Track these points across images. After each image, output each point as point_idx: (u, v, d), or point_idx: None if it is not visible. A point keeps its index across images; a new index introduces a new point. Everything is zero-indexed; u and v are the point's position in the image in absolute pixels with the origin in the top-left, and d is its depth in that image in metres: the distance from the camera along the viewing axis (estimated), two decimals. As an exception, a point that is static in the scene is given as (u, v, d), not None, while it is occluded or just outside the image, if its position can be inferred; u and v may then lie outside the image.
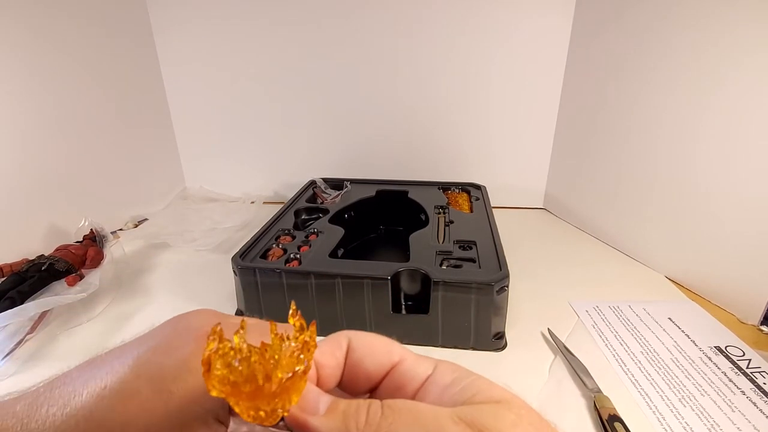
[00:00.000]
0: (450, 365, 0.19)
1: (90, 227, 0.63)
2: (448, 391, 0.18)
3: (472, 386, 0.17)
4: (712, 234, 0.53)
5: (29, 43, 0.61)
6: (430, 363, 0.19)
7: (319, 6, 0.77)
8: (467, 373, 0.18)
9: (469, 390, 0.17)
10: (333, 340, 0.19)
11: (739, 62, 0.49)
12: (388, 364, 0.19)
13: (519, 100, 0.79)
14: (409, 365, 0.19)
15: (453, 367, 0.19)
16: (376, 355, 0.19)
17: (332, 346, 0.19)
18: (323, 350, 0.19)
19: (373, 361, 0.19)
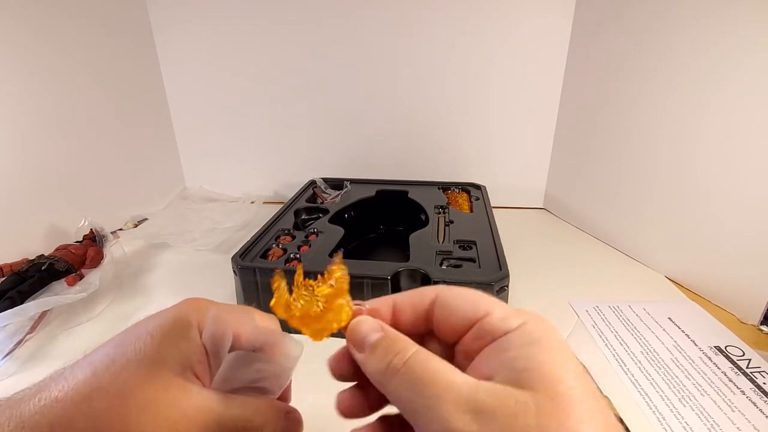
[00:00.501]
0: (537, 324, 0.18)
1: (90, 227, 0.63)
2: (507, 354, 0.17)
3: (529, 358, 0.16)
4: (712, 234, 0.53)
5: (29, 43, 0.61)
6: (518, 319, 0.18)
7: (319, 6, 0.77)
8: (540, 339, 0.17)
9: (523, 361, 0.16)
10: (417, 292, 0.21)
11: (739, 62, 0.49)
12: (474, 318, 0.19)
13: (519, 100, 0.79)
14: (492, 319, 0.18)
15: (536, 328, 0.18)
16: (462, 309, 0.19)
17: (413, 297, 0.21)
18: (403, 299, 0.21)
19: (459, 315, 0.19)
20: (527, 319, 0.18)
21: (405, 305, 0.21)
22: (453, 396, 0.16)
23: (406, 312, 0.21)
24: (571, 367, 0.16)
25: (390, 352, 0.18)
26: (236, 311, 0.23)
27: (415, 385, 0.17)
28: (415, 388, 0.16)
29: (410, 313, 0.20)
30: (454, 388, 0.16)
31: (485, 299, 0.19)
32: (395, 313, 0.21)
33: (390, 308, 0.21)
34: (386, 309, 0.21)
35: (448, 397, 0.16)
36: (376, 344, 0.18)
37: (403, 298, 0.21)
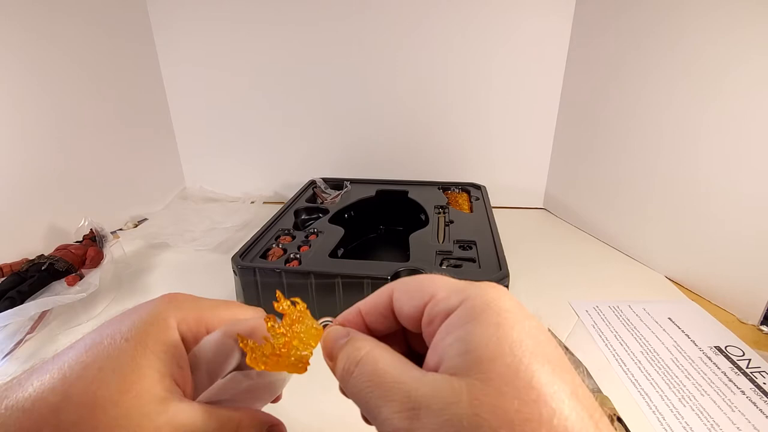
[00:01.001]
0: (478, 297, 0.17)
1: (90, 227, 0.63)
2: (449, 338, 0.16)
3: (465, 339, 0.15)
4: (712, 234, 0.53)
5: (29, 43, 0.61)
6: (460, 295, 0.17)
7: (320, 6, 0.77)
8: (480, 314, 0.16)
9: (460, 344, 0.15)
10: (377, 293, 0.21)
11: (740, 62, 0.48)
12: (421, 305, 0.18)
13: (519, 100, 0.79)
14: (435, 301, 0.18)
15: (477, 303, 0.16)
16: (410, 299, 0.19)
17: (375, 299, 0.20)
18: (366, 303, 0.21)
19: (409, 305, 0.19)
20: (469, 292, 0.17)
21: (369, 309, 0.20)
22: (398, 395, 0.15)
23: (373, 315, 0.20)
24: (513, 338, 0.15)
25: (347, 354, 0.18)
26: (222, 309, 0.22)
27: (365, 385, 0.16)
28: (366, 390, 0.16)
29: (377, 316, 0.20)
30: (400, 386, 0.15)
31: (432, 281, 0.19)
32: (364, 319, 0.21)
33: (357, 315, 0.21)
34: (354, 317, 0.21)
35: (393, 396, 0.15)
36: (339, 348, 0.19)
37: (366, 302, 0.21)
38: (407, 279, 0.20)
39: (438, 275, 0.19)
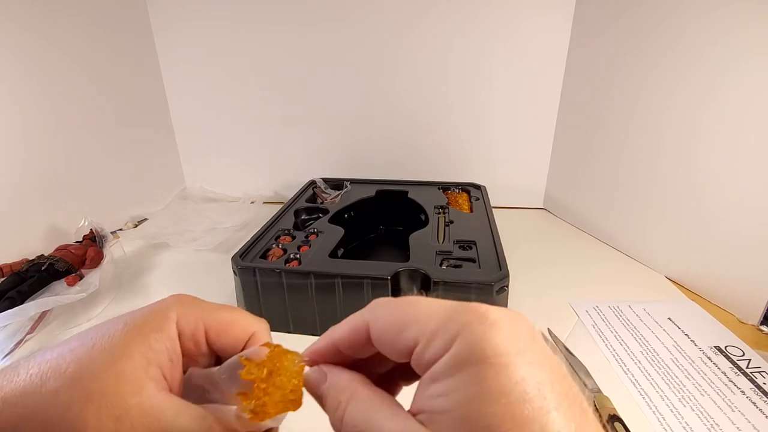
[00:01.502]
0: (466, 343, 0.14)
1: (90, 227, 0.63)
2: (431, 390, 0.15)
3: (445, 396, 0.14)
4: (712, 234, 0.53)
5: (29, 43, 0.61)
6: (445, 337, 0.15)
7: (320, 6, 0.77)
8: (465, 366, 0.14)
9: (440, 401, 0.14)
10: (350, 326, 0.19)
11: (740, 62, 0.48)
12: (404, 349, 0.16)
13: (519, 100, 0.79)
14: (421, 349, 0.16)
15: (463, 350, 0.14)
16: (394, 341, 0.17)
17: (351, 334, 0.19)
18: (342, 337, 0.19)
19: (395, 352, 0.17)
20: (453, 335, 0.15)
21: (345, 345, 0.19)
22: None
23: (350, 349, 0.19)
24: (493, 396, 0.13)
25: (334, 401, 0.17)
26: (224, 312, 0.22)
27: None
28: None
29: (355, 349, 0.19)
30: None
31: (412, 316, 0.16)
32: (342, 353, 0.19)
33: (332, 350, 0.19)
34: (328, 350, 0.19)
35: None
36: (325, 395, 0.18)
37: (342, 337, 0.19)
38: (382, 311, 0.18)
39: (417, 300, 0.17)
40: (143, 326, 0.18)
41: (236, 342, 0.21)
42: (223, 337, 0.21)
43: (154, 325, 0.19)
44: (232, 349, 0.21)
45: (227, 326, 0.21)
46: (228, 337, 0.21)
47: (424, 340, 0.15)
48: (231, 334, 0.21)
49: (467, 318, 0.15)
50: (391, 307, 0.17)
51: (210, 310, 0.21)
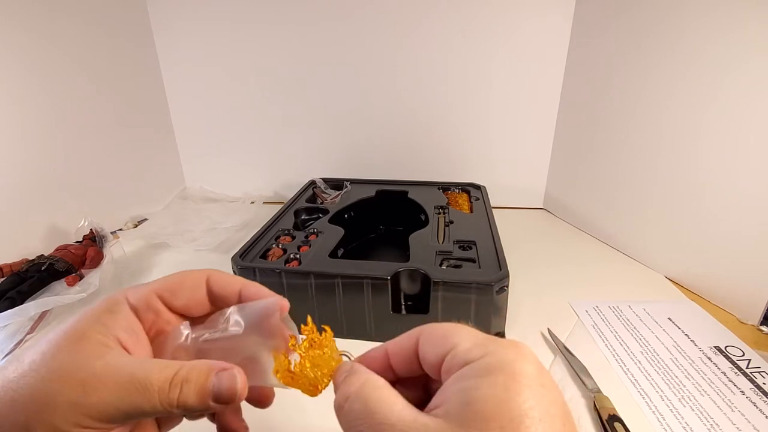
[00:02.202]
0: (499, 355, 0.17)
1: (90, 227, 0.63)
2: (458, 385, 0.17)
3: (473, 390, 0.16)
4: (712, 234, 0.53)
5: (29, 43, 0.61)
6: (483, 349, 0.17)
7: (320, 6, 0.77)
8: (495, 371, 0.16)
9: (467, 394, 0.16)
10: (406, 335, 0.21)
11: (740, 62, 0.48)
12: (443, 353, 0.18)
13: (519, 100, 0.79)
14: (457, 351, 0.18)
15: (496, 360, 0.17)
16: (435, 345, 0.19)
17: (402, 342, 0.21)
18: (394, 345, 0.21)
19: (433, 352, 0.19)
20: (493, 349, 0.17)
21: (396, 351, 0.21)
22: (386, 428, 0.16)
23: (398, 357, 0.21)
24: (518, 403, 0.15)
25: (341, 389, 0.19)
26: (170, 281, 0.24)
27: (354, 423, 0.17)
28: (354, 426, 0.17)
29: (402, 358, 0.21)
30: (387, 425, 0.16)
31: (458, 331, 0.19)
32: (390, 359, 0.21)
33: (383, 355, 0.21)
34: (379, 356, 0.21)
35: (381, 428, 0.16)
36: (339, 383, 0.20)
37: (395, 343, 0.21)
38: (434, 326, 0.20)
39: (465, 326, 0.19)
40: (97, 312, 0.20)
41: (193, 295, 0.23)
42: (179, 297, 0.23)
43: (106, 307, 0.21)
44: (196, 304, 0.23)
45: (178, 286, 0.23)
46: (183, 294, 0.23)
47: (463, 345, 0.18)
48: (186, 291, 0.23)
49: (504, 343, 0.18)
50: (442, 324, 0.20)
51: (159, 281, 0.23)
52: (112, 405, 0.18)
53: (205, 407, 0.19)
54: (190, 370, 0.19)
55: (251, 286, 0.23)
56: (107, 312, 0.21)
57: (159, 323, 0.22)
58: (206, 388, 0.19)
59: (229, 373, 0.20)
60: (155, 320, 0.22)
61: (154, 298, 0.22)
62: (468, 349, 0.18)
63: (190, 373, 0.19)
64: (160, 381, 0.18)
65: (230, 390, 0.19)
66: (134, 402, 0.18)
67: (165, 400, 0.18)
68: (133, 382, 0.18)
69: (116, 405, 0.18)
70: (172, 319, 0.23)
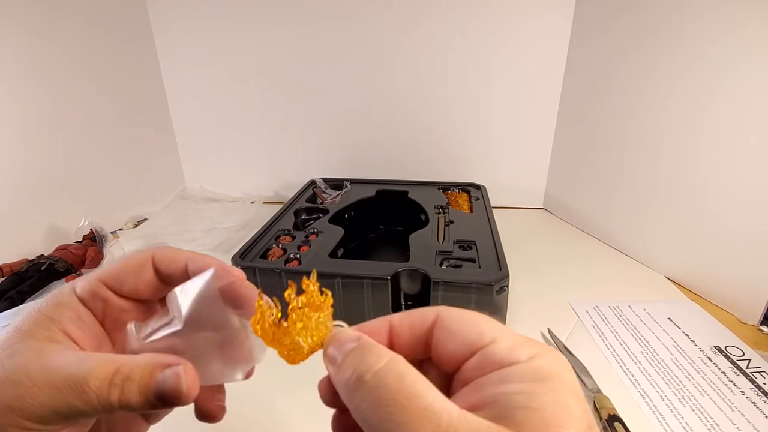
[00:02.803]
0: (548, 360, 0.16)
1: (90, 227, 0.63)
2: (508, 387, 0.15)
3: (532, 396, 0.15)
4: (712, 234, 0.53)
5: (29, 43, 0.61)
6: (528, 350, 0.16)
7: (320, 6, 0.77)
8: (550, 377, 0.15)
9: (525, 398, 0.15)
10: (417, 312, 0.19)
11: (740, 62, 0.48)
12: (477, 345, 0.17)
13: (519, 100, 0.79)
14: (498, 348, 0.16)
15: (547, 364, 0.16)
16: (464, 334, 0.17)
17: (412, 318, 0.19)
18: (401, 319, 0.19)
19: (460, 340, 0.17)
20: (538, 352, 0.16)
21: (403, 326, 0.19)
22: (428, 425, 0.14)
23: (404, 334, 0.19)
24: (577, 414, 0.14)
25: (360, 361, 0.16)
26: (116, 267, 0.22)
27: (384, 402, 0.14)
28: (384, 407, 0.14)
29: (408, 336, 0.19)
30: (431, 414, 0.14)
31: (490, 324, 0.17)
32: (392, 335, 0.19)
33: (386, 329, 0.19)
34: (380, 329, 0.19)
35: (422, 425, 0.14)
36: (346, 353, 0.17)
37: (401, 318, 0.19)
38: (457, 312, 0.18)
39: (491, 318, 0.18)
40: (44, 307, 0.20)
41: (140, 278, 0.21)
42: (125, 280, 0.21)
43: (51, 299, 0.20)
44: (146, 287, 0.22)
45: (122, 271, 0.21)
46: (129, 279, 0.21)
47: (504, 342, 0.16)
48: (130, 276, 0.21)
49: (547, 347, 0.17)
50: (466, 310, 0.18)
51: (105, 268, 0.22)
52: (47, 407, 0.17)
53: (152, 407, 0.18)
54: (132, 367, 0.17)
55: (197, 260, 0.21)
56: (53, 305, 0.20)
57: (111, 312, 0.21)
58: (150, 387, 0.17)
59: (173, 371, 0.17)
60: (105, 309, 0.21)
61: (100, 287, 0.21)
62: (511, 348, 0.16)
63: (133, 371, 0.17)
64: (98, 380, 0.17)
65: (174, 389, 0.17)
66: (70, 403, 0.17)
67: (104, 400, 0.17)
68: (68, 384, 0.17)
69: (52, 407, 0.17)
70: (125, 306, 0.22)
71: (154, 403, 0.17)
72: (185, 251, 0.22)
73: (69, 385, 0.17)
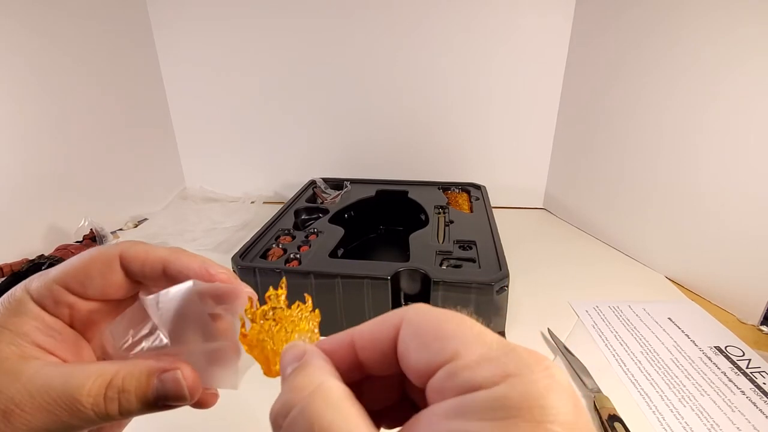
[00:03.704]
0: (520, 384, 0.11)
1: (90, 227, 0.63)
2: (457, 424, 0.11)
3: None
4: (712, 234, 0.53)
5: (29, 43, 0.61)
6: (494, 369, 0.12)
7: (320, 6, 0.77)
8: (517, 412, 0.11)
9: None
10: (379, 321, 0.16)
11: (740, 62, 0.48)
12: (436, 361, 0.13)
13: (519, 100, 0.79)
14: (459, 366, 0.13)
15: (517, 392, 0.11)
16: (426, 346, 0.14)
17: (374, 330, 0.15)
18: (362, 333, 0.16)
19: (419, 356, 0.14)
20: (510, 371, 0.12)
21: (366, 344, 0.15)
22: None
23: (369, 351, 0.15)
24: None
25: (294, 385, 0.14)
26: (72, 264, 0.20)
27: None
28: None
29: (374, 353, 0.15)
30: None
31: (458, 329, 0.14)
32: (358, 354, 0.16)
33: (348, 347, 0.16)
34: (342, 348, 0.16)
35: None
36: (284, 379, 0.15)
37: (363, 333, 0.16)
38: (423, 314, 0.15)
39: (466, 319, 0.14)
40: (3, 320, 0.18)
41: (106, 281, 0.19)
42: (89, 284, 0.19)
43: (8, 314, 0.18)
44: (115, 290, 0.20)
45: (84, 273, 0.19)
46: (93, 282, 0.19)
47: (468, 356, 0.13)
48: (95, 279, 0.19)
49: (529, 361, 0.12)
50: (435, 311, 0.15)
51: (61, 268, 0.19)
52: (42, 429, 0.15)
53: (156, 411, 0.17)
54: (125, 377, 0.16)
55: (176, 263, 0.19)
56: (13, 316, 0.18)
57: (79, 315, 0.19)
58: (149, 396, 0.16)
59: (172, 375, 0.16)
60: (72, 314, 0.19)
61: (60, 291, 0.19)
62: (475, 365, 0.12)
63: (127, 381, 0.16)
64: (92, 396, 0.16)
65: (177, 393, 0.16)
66: (67, 423, 0.16)
67: (102, 414, 0.16)
68: (60, 404, 0.15)
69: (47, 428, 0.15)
70: (93, 306, 0.19)
71: (158, 407, 0.17)
72: (159, 248, 0.20)
73: (61, 406, 0.16)
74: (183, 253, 0.20)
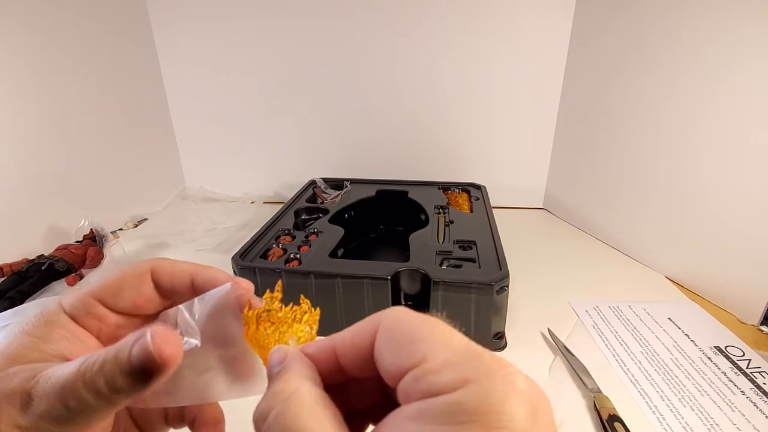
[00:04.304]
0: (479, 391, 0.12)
1: (90, 227, 0.63)
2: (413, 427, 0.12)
3: None
4: (712, 234, 0.53)
5: (30, 43, 0.61)
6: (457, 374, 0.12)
7: (320, 6, 0.77)
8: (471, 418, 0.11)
9: None
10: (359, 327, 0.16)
11: (739, 62, 0.49)
12: (406, 365, 0.13)
13: (519, 100, 0.79)
14: (426, 370, 0.13)
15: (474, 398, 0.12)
16: (396, 350, 0.14)
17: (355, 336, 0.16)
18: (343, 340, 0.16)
19: (392, 360, 0.14)
20: (473, 376, 0.12)
21: (346, 351, 0.16)
22: None
23: (349, 358, 0.16)
24: None
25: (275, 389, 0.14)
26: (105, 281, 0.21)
27: None
28: None
29: (354, 359, 0.16)
30: None
31: (429, 334, 0.14)
32: (339, 360, 0.16)
33: (330, 354, 0.16)
34: (324, 355, 0.16)
35: None
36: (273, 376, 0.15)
37: (344, 340, 0.16)
38: (396, 317, 0.15)
39: (439, 323, 0.15)
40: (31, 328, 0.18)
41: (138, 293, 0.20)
42: (122, 296, 0.20)
43: (40, 322, 0.19)
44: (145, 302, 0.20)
45: (117, 286, 0.20)
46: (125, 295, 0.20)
47: (433, 361, 0.13)
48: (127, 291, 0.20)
49: (491, 366, 0.13)
50: (409, 315, 0.15)
51: (96, 283, 0.20)
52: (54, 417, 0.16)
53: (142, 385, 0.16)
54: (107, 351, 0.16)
55: (203, 274, 0.20)
56: (42, 326, 0.18)
57: (106, 329, 0.20)
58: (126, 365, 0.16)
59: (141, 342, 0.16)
60: (100, 327, 0.20)
61: (93, 303, 0.19)
62: (439, 369, 0.13)
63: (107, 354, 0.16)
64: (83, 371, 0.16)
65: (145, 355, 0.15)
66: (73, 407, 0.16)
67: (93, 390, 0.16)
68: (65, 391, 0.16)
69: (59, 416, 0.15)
70: (121, 322, 0.20)
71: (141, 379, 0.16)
72: (187, 263, 0.21)
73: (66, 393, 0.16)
74: (209, 266, 0.21)
